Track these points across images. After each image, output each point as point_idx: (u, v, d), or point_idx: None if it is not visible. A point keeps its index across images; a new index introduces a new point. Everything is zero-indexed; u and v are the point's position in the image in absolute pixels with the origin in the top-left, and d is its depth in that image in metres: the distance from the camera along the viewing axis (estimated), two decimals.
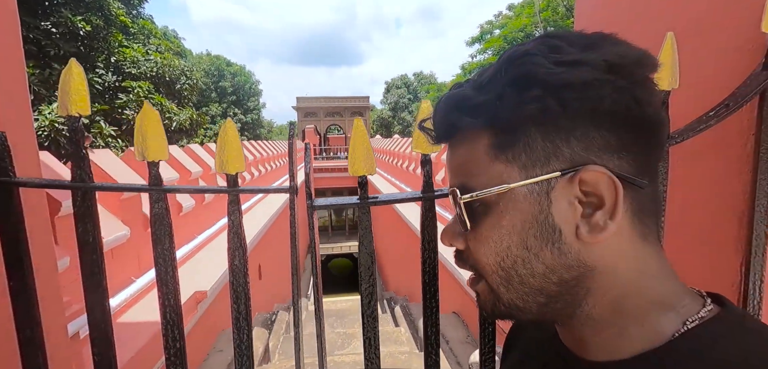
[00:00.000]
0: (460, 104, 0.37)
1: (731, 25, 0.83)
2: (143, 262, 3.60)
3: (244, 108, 35.02)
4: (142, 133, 0.70)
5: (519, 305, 0.39)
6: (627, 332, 0.37)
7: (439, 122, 0.40)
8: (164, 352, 0.76)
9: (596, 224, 0.35)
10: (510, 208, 0.37)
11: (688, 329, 0.35)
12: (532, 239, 0.37)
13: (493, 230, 0.38)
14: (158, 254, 0.72)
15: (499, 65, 0.37)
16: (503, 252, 0.38)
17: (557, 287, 0.37)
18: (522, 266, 0.37)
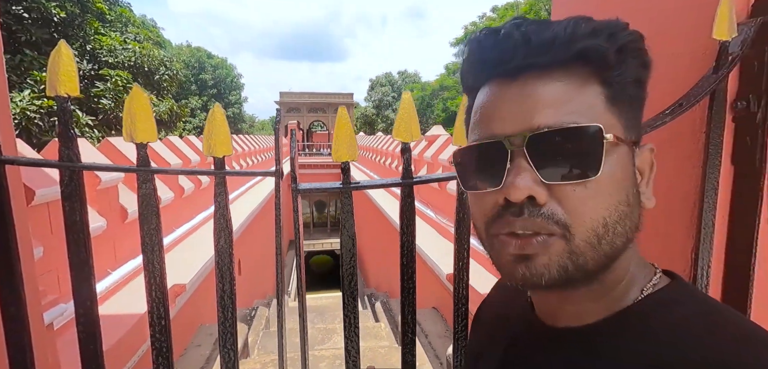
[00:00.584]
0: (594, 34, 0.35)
1: (687, 32, 0.91)
2: (119, 253, 3.53)
3: (225, 102, 34.35)
4: (131, 115, 0.72)
5: (588, 268, 0.37)
6: (603, 299, 0.40)
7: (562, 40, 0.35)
8: (149, 329, 0.78)
9: (644, 194, 0.40)
10: (621, 162, 0.37)
11: (645, 296, 0.39)
12: (632, 196, 0.37)
13: (609, 181, 0.36)
14: (145, 234, 0.74)
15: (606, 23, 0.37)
16: (613, 205, 0.36)
17: (624, 248, 0.38)
18: (621, 224, 0.37)
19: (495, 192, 0.38)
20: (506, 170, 0.36)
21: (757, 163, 0.87)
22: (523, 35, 0.36)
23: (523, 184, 0.35)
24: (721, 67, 0.81)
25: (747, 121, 0.86)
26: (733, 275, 0.98)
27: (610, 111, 0.36)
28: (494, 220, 0.38)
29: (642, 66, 0.37)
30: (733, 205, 0.96)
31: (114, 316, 2.82)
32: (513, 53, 0.36)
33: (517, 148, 0.36)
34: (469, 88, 0.44)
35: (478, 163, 0.40)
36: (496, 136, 0.37)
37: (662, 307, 0.38)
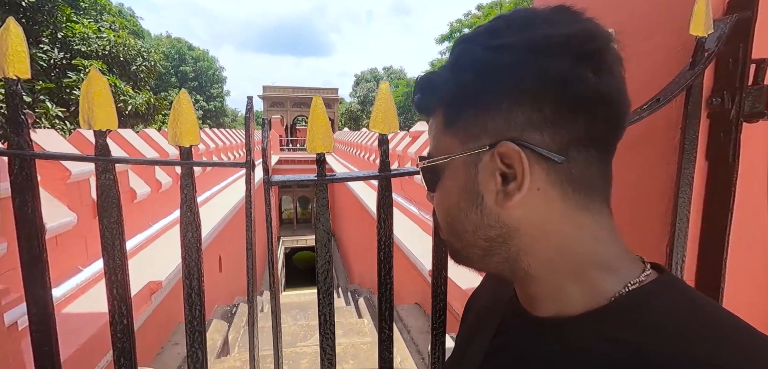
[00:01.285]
0: (424, 85, 0.45)
1: (665, 27, 0.91)
2: (91, 250, 3.40)
3: (206, 95, 33.58)
4: (88, 100, 0.67)
5: (464, 254, 0.46)
6: (566, 289, 0.41)
7: (415, 101, 0.47)
8: (110, 330, 0.73)
9: (508, 192, 0.39)
10: (451, 175, 0.44)
11: (629, 290, 0.38)
12: (463, 202, 0.43)
13: (440, 191, 0.46)
14: (105, 227, 0.70)
15: (452, 49, 0.42)
16: (446, 209, 0.45)
17: (485, 242, 0.43)
18: (458, 223, 0.44)
19: None
20: None
21: (730, 159, 0.88)
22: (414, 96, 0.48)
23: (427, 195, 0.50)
24: (697, 63, 0.82)
25: (721, 116, 0.87)
26: (705, 268, 1.00)
27: (446, 133, 0.43)
28: None
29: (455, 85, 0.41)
30: (707, 199, 0.97)
31: (85, 315, 2.71)
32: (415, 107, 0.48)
33: None
34: None
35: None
36: None
37: (643, 302, 0.38)
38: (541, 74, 0.37)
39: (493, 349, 0.49)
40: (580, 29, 0.37)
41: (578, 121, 0.37)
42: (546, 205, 0.39)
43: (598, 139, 0.39)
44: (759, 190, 0.97)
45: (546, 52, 0.36)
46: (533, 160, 0.38)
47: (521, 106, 0.38)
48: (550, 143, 0.38)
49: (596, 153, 0.39)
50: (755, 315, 1.11)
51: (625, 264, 0.41)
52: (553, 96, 0.37)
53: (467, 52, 0.40)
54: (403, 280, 5.27)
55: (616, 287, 0.39)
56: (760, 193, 0.97)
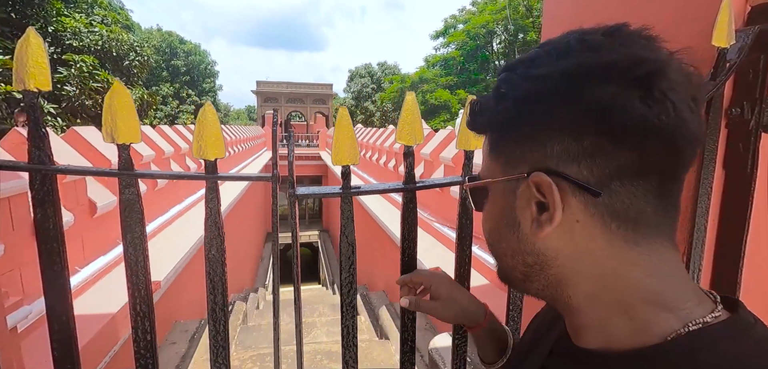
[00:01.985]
0: (475, 107, 0.45)
1: (685, 37, 0.91)
2: (88, 250, 3.35)
3: (198, 89, 33.19)
4: (111, 113, 0.65)
5: (506, 274, 0.47)
6: (612, 323, 0.39)
7: (467, 122, 0.48)
8: (133, 345, 0.72)
9: (541, 222, 0.39)
10: (494, 198, 0.45)
11: (688, 332, 0.35)
12: (502, 226, 0.44)
13: (485, 213, 0.47)
14: (129, 243, 0.68)
15: (498, 74, 0.44)
16: (489, 231, 0.47)
17: (524, 267, 0.44)
18: (498, 245, 0.46)
19: None
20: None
21: (748, 169, 0.89)
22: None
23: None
24: (718, 74, 0.82)
25: (740, 127, 0.88)
26: (721, 278, 1.01)
27: (490, 156, 0.45)
28: None
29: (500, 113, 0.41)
30: (723, 208, 0.98)
31: (85, 317, 2.67)
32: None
33: None
34: None
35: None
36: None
37: (703, 347, 0.35)
38: (578, 104, 0.35)
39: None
40: (626, 55, 0.35)
41: (623, 152, 0.35)
42: (586, 239, 0.38)
43: (651, 170, 0.36)
44: None
45: (584, 80, 0.35)
46: (569, 191, 0.37)
47: (558, 135, 0.37)
48: (588, 175, 0.36)
49: (650, 185, 0.36)
50: None
51: (687, 302, 0.37)
52: (593, 126, 0.35)
53: (507, 81, 0.41)
54: None
55: (673, 326, 0.36)
56: None
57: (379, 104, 33.61)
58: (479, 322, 0.71)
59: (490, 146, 0.45)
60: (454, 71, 29.25)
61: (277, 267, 0.81)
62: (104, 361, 2.66)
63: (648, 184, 0.36)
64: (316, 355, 4.77)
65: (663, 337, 0.36)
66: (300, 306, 0.80)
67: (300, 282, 0.79)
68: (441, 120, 25.88)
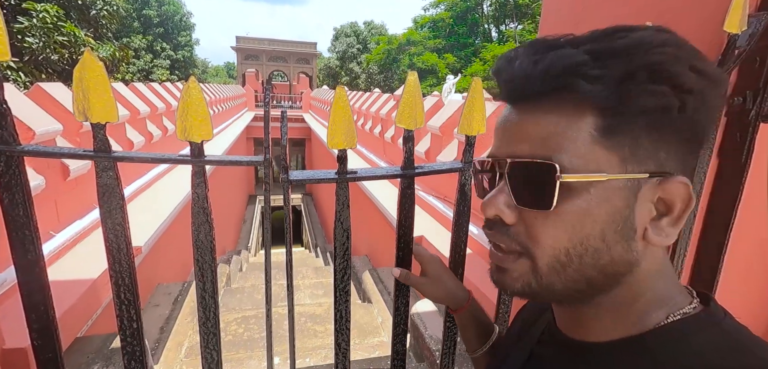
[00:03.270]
0: (576, 67, 0.34)
1: (695, 20, 0.88)
2: (63, 214, 3.23)
3: (173, 43, 31.52)
4: (83, 88, 0.59)
5: (556, 289, 0.39)
6: (621, 320, 0.40)
7: (535, 76, 0.35)
8: (119, 333, 0.69)
9: (662, 229, 0.37)
10: (600, 198, 0.36)
11: (670, 322, 0.38)
12: (611, 233, 0.36)
13: (575, 215, 0.36)
14: (109, 230, 0.63)
15: (623, 42, 0.34)
16: (578, 239, 0.36)
17: (604, 278, 0.38)
18: (590, 256, 0.37)
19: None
20: (492, 188, 0.41)
21: (743, 159, 0.89)
22: (517, 68, 0.37)
23: (494, 204, 0.40)
24: (727, 61, 0.80)
25: (740, 116, 0.87)
26: (702, 263, 1.04)
27: (599, 143, 0.35)
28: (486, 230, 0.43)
29: (654, 94, 0.33)
30: (712, 196, 0.99)
31: (63, 283, 2.60)
32: (507, 86, 0.39)
33: (501, 171, 0.40)
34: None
35: (481, 176, 0.44)
36: (492, 156, 0.42)
37: (686, 334, 0.37)
38: (719, 106, 0.36)
39: (528, 365, 0.50)
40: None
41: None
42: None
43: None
44: (763, 189, 0.99)
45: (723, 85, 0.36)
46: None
47: (693, 139, 0.36)
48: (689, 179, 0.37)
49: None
50: (746, 313, 1.18)
51: (674, 295, 0.40)
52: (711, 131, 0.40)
53: (668, 61, 0.33)
54: (389, 244, 5.34)
55: (656, 316, 0.39)
56: (764, 192, 1.00)
57: (364, 66, 32.82)
58: (462, 305, 0.75)
59: (602, 130, 0.35)
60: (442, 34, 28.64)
61: (268, 255, 0.78)
62: (87, 324, 2.62)
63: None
64: (301, 318, 4.84)
65: (648, 328, 0.39)
66: (292, 294, 0.78)
67: (292, 268, 0.77)
68: (428, 84, 25.54)
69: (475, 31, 29.68)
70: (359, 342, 4.17)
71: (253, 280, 7.01)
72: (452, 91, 8.52)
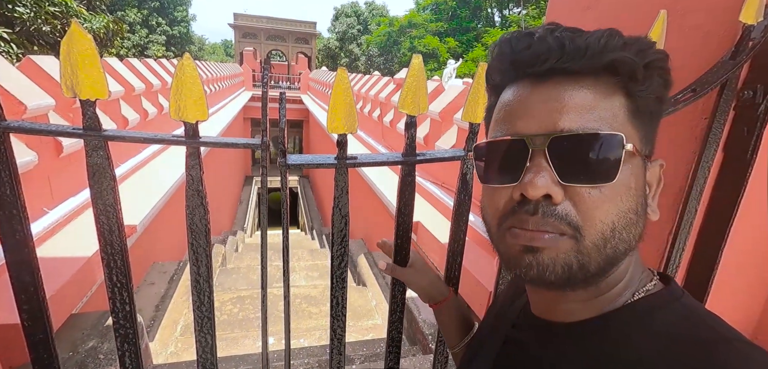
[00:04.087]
0: (620, 52, 0.37)
1: (711, 7, 0.86)
2: (56, 191, 3.19)
3: (169, 18, 30.88)
4: (70, 63, 0.56)
5: (590, 270, 0.38)
6: (598, 300, 0.42)
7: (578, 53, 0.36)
8: (111, 314, 0.67)
9: (652, 207, 0.42)
10: (634, 172, 0.38)
11: (634, 300, 0.41)
12: (641, 207, 0.39)
13: (622, 188, 0.37)
14: (100, 211, 0.61)
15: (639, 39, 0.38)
16: (622, 212, 0.37)
17: (622, 256, 0.39)
18: (627, 231, 0.38)
19: (511, 188, 0.39)
20: (525, 168, 0.38)
21: (748, 154, 0.88)
22: (557, 40, 0.37)
23: (542, 182, 0.37)
24: (740, 53, 0.78)
25: (749, 111, 0.86)
26: (700, 258, 1.03)
27: (631, 123, 0.38)
28: (508, 216, 0.40)
29: (664, 85, 0.39)
30: (714, 192, 0.98)
31: (57, 260, 2.59)
32: (547, 56, 0.37)
33: (538, 148, 0.38)
34: (494, 85, 0.45)
35: (499, 158, 0.41)
36: (520, 134, 0.39)
37: (647, 312, 0.40)
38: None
39: (504, 348, 0.51)
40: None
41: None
42: None
43: None
44: (762, 187, 0.98)
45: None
46: None
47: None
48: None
49: None
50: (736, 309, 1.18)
51: (636, 272, 0.43)
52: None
53: (660, 58, 0.38)
54: (384, 226, 5.34)
55: (625, 295, 0.42)
56: (763, 190, 0.99)
57: (364, 48, 32.39)
58: (444, 296, 0.77)
59: (633, 110, 0.38)
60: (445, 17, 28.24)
61: (264, 239, 0.76)
62: (82, 301, 2.62)
63: None
64: (296, 299, 4.88)
65: (616, 307, 0.41)
66: (288, 279, 0.77)
67: (288, 254, 0.75)
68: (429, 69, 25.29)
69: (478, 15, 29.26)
70: (353, 324, 4.21)
71: (248, 261, 7.03)
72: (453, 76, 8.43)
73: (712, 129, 0.85)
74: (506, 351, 0.51)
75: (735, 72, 0.80)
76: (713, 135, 0.86)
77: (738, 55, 0.78)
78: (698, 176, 0.90)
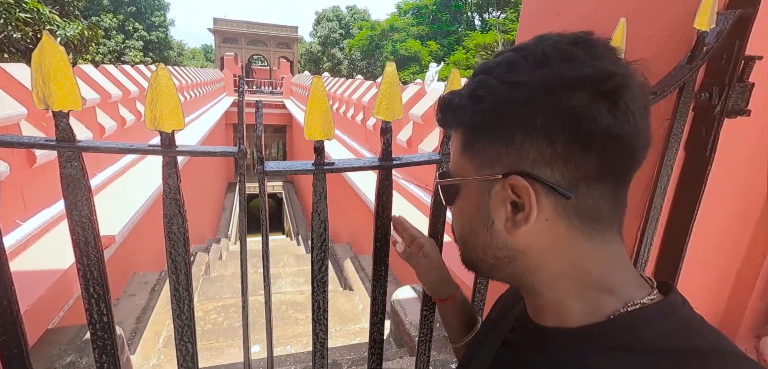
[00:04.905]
0: (446, 104, 0.45)
1: (668, 15, 0.91)
2: (30, 202, 3.09)
3: (146, 23, 30.17)
4: (42, 74, 0.56)
5: (474, 264, 0.50)
6: (569, 306, 0.44)
7: (437, 118, 0.48)
8: (89, 326, 0.67)
9: (517, 222, 0.42)
10: (466, 195, 0.47)
11: (627, 311, 0.41)
12: (475, 222, 0.46)
13: (456, 208, 0.49)
14: (75, 222, 0.61)
15: (472, 75, 0.44)
16: (460, 225, 0.49)
17: (493, 260, 0.47)
18: (470, 239, 0.48)
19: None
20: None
21: (708, 152, 0.93)
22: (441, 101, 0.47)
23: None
24: (695, 57, 0.83)
25: (707, 111, 0.91)
26: (667, 251, 1.08)
27: (463, 155, 0.45)
28: None
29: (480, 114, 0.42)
30: (678, 188, 1.03)
31: (31, 273, 2.51)
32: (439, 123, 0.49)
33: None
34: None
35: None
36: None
37: (637, 324, 0.40)
38: (553, 112, 0.38)
39: (502, 350, 0.53)
40: (597, 68, 0.38)
41: (590, 158, 0.39)
42: (552, 234, 0.42)
43: (610, 173, 0.40)
44: (724, 184, 1.04)
45: (560, 90, 0.38)
46: (542, 192, 0.40)
47: (534, 140, 0.39)
48: (560, 179, 0.39)
49: (608, 187, 0.41)
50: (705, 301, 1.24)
51: (628, 287, 0.43)
52: (566, 134, 0.38)
53: (485, 85, 0.41)
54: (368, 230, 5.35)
55: (616, 307, 0.42)
56: (725, 187, 1.05)
57: (347, 52, 32.36)
58: (452, 294, 0.77)
59: (463, 145, 0.45)
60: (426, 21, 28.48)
61: (244, 247, 0.77)
62: (59, 315, 2.54)
63: (606, 186, 0.41)
64: (282, 305, 4.83)
65: (607, 316, 0.41)
66: (269, 284, 0.78)
67: (268, 259, 0.76)
68: (410, 72, 25.44)
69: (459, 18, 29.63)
70: (340, 328, 4.20)
71: (232, 269, 6.92)
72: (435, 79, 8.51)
73: (672, 129, 0.90)
74: (503, 353, 0.53)
75: (692, 75, 0.84)
76: (674, 135, 0.91)
77: (694, 60, 0.82)
78: (662, 174, 0.95)
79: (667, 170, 0.94)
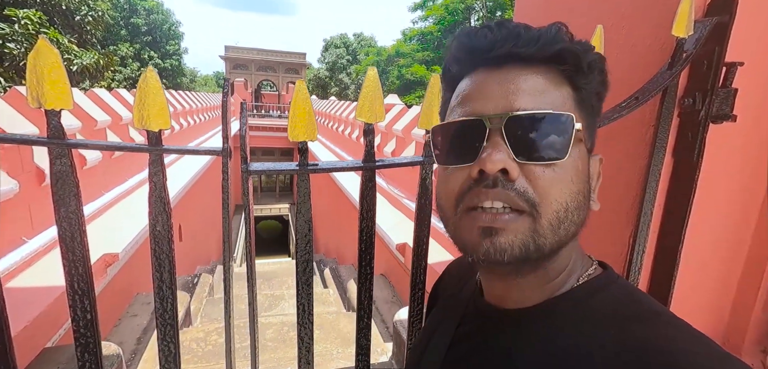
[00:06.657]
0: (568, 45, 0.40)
1: (648, 25, 0.93)
2: (37, 220, 3.14)
3: (161, 52, 31.19)
4: (36, 75, 0.59)
5: (544, 251, 0.39)
6: (546, 286, 0.44)
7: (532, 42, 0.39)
8: (72, 325, 0.68)
9: (594, 198, 0.45)
10: (582, 157, 0.42)
11: (579, 284, 0.44)
12: (587, 191, 0.42)
13: (572, 169, 0.40)
14: (62, 217, 0.63)
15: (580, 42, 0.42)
16: (574, 193, 0.40)
17: (570, 239, 0.41)
18: (578, 212, 0.40)
19: (469, 167, 0.40)
20: (483, 146, 0.39)
21: (695, 157, 0.93)
22: (513, 28, 0.40)
23: (500, 157, 0.38)
24: (675, 63, 0.84)
25: (691, 116, 0.91)
26: (661, 258, 1.07)
27: (577, 110, 0.41)
28: (464, 195, 0.40)
29: (603, 83, 0.43)
30: (669, 194, 1.03)
31: (34, 289, 2.53)
32: (504, 42, 0.39)
33: (495, 127, 0.39)
34: (451, 78, 0.46)
35: (456, 138, 0.42)
36: (478, 114, 0.40)
37: (592, 293, 0.42)
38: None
39: (456, 340, 0.51)
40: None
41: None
42: None
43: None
44: (717, 189, 1.03)
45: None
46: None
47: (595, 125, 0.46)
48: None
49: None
50: (702, 309, 1.21)
51: (578, 259, 0.46)
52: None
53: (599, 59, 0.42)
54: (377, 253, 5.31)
55: (571, 281, 0.44)
56: (719, 192, 1.04)
57: (354, 77, 32.99)
58: None
59: (577, 100, 0.42)
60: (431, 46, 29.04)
61: (227, 249, 0.78)
62: (58, 333, 2.54)
63: None
64: (284, 327, 4.78)
65: (562, 291, 0.44)
66: (254, 283, 0.78)
67: (254, 259, 0.77)
68: (416, 96, 25.78)
69: None
70: (342, 351, 4.12)
71: (236, 290, 6.85)
72: None
73: (658, 135, 0.90)
74: (459, 340, 0.50)
75: (673, 81, 0.85)
76: (660, 141, 0.91)
77: (674, 66, 0.84)
78: (650, 179, 0.95)
79: (655, 175, 0.94)
